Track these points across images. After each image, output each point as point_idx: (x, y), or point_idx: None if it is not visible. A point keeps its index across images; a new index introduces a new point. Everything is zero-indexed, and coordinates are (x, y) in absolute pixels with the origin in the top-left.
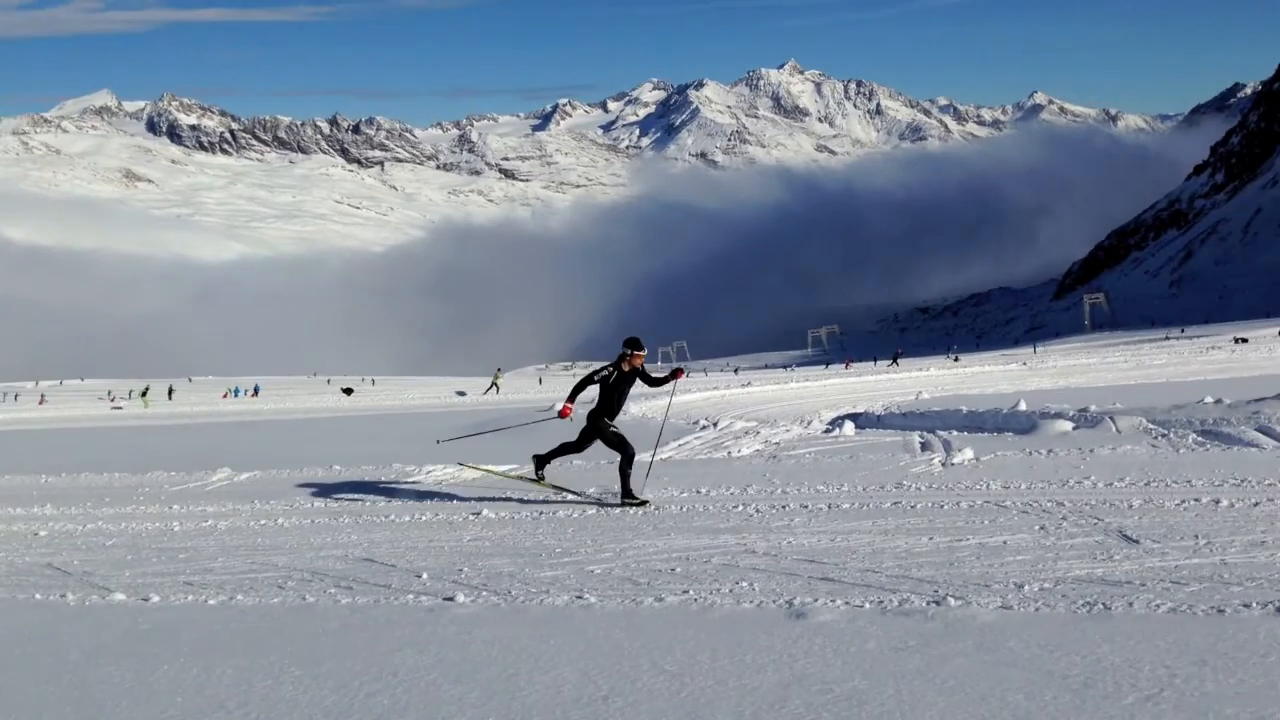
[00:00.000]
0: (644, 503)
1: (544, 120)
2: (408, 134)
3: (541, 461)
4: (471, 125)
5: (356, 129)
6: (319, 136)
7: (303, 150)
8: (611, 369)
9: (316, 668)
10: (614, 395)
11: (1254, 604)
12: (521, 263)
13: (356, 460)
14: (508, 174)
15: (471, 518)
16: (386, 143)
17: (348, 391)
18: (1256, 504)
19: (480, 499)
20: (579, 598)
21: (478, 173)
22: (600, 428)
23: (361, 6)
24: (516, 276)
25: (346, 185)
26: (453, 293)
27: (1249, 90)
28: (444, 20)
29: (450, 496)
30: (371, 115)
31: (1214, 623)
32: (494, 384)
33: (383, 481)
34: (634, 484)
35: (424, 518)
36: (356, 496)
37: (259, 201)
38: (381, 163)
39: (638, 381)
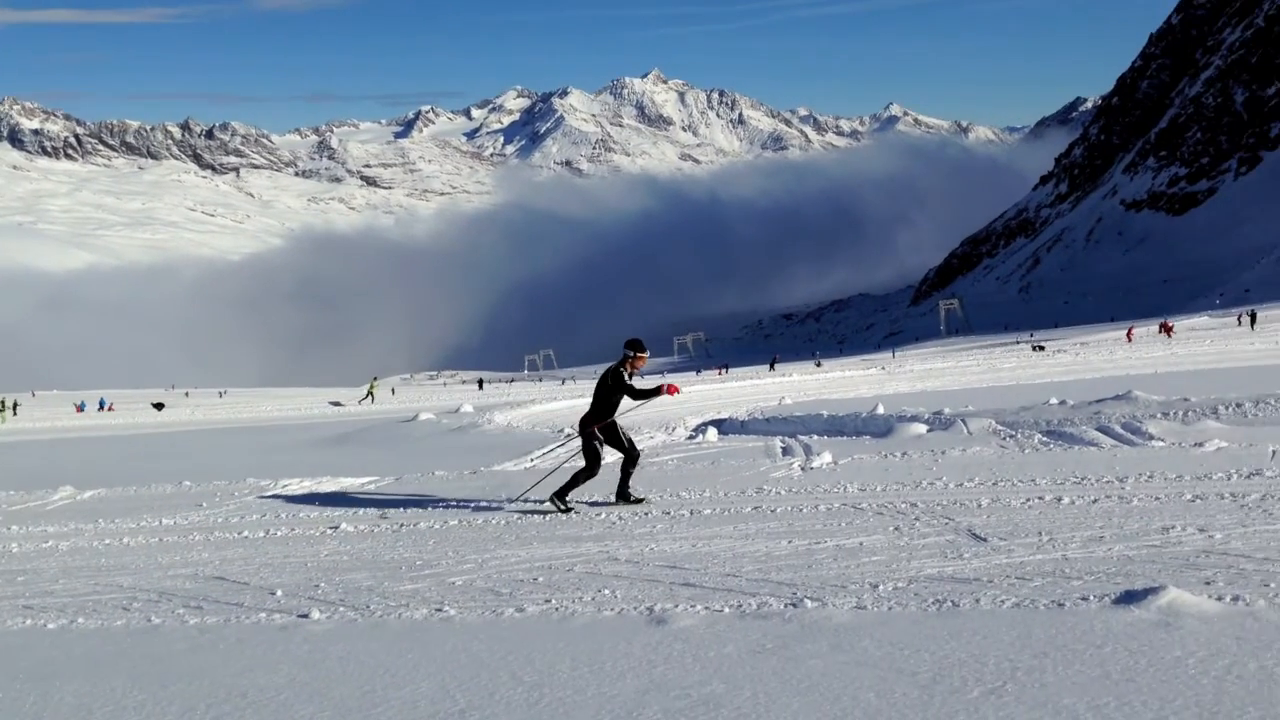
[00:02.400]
0: (570, 509)
1: (407, 127)
2: (264, 140)
3: (562, 499)
4: (331, 131)
5: (210, 134)
6: (170, 142)
7: (153, 156)
8: (622, 371)
9: (161, 691)
10: (612, 401)
11: (1091, 597)
12: (386, 271)
13: (209, 475)
14: (370, 181)
15: (329, 532)
16: (242, 148)
17: (158, 407)
18: (1095, 501)
19: (339, 513)
20: (439, 610)
21: (338, 180)
22: (590, 434)
23: (214, 8)
24: (381, 285)
25: (200, 192)
26: (315, 302)
27: (1090, 104)
28: (302, 24)
29: (307, 510)
30: (226, 120)
31: (1055, 616)
32: (369, 393)
33: (236, 496)
34: (536, 492)
35: (279, 533)
36: (208, 512)
37: (106, 209)
38: (237, 169)
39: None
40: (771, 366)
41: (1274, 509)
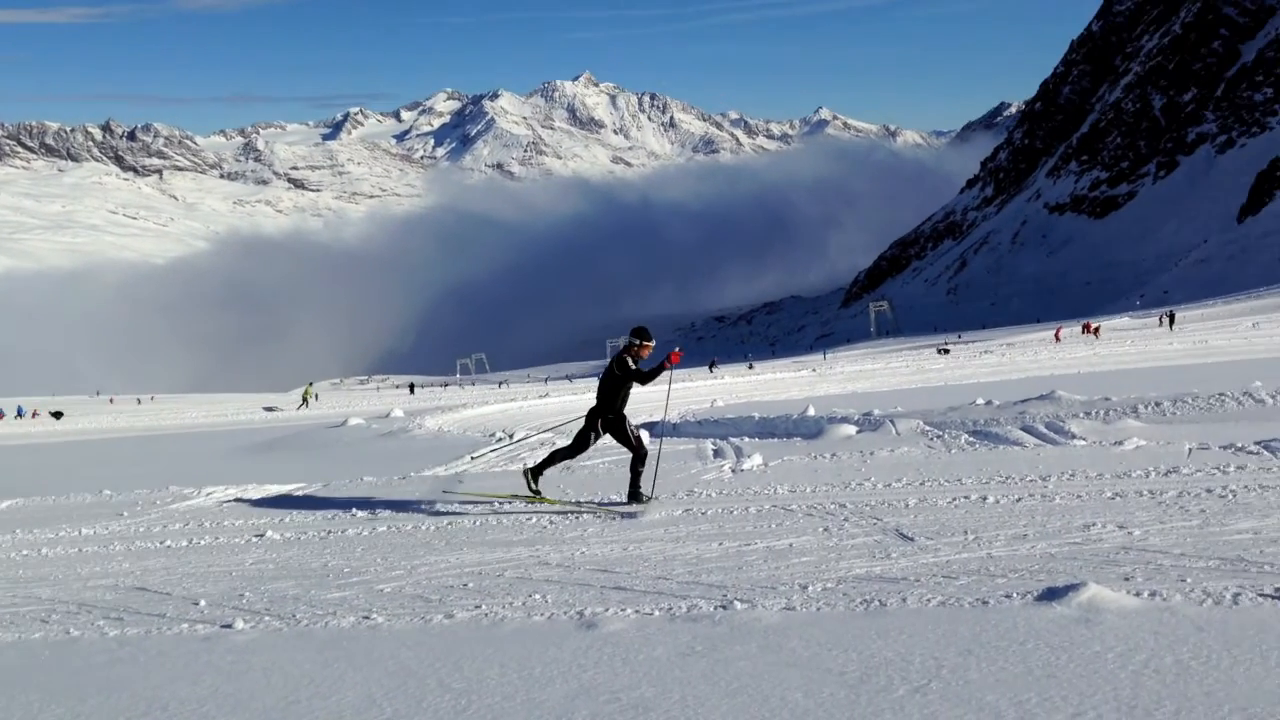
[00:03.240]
0: (538, 494)
1: (335, 129)
2: (188, 141)
3: (535, 474)
4: (257, 133)
5: (132, 135)
6: (91, 144)
7: (73, 158)
8: (632, 360)
9: (79, 705)
10: (621, 391)
11: (1015, 594)
12: (315, 274)
13: (130, 484)
14: (297, 184)
15: (254, 540)
16: (165, 150)
17: (56, 415)
18: (1019, 500)
19: (264, 520)
20: (366, 618)
21: (265, 182)
22: (593, 425)
23: (138, 8)
24: (310, 288)
25: (122, 195)
26: (242, 306)
27: (1014, 109)
28: (227, 24)
29: (232, 518)
30: (149, 121)
31: (979, 614)
32: (305, 398)
33: (158, 505)
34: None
35: (203, 542)
36: (129, 522)
37: (25, 212)
38: (160, 171)
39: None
40: (711, 368)
41: (1190, 505)
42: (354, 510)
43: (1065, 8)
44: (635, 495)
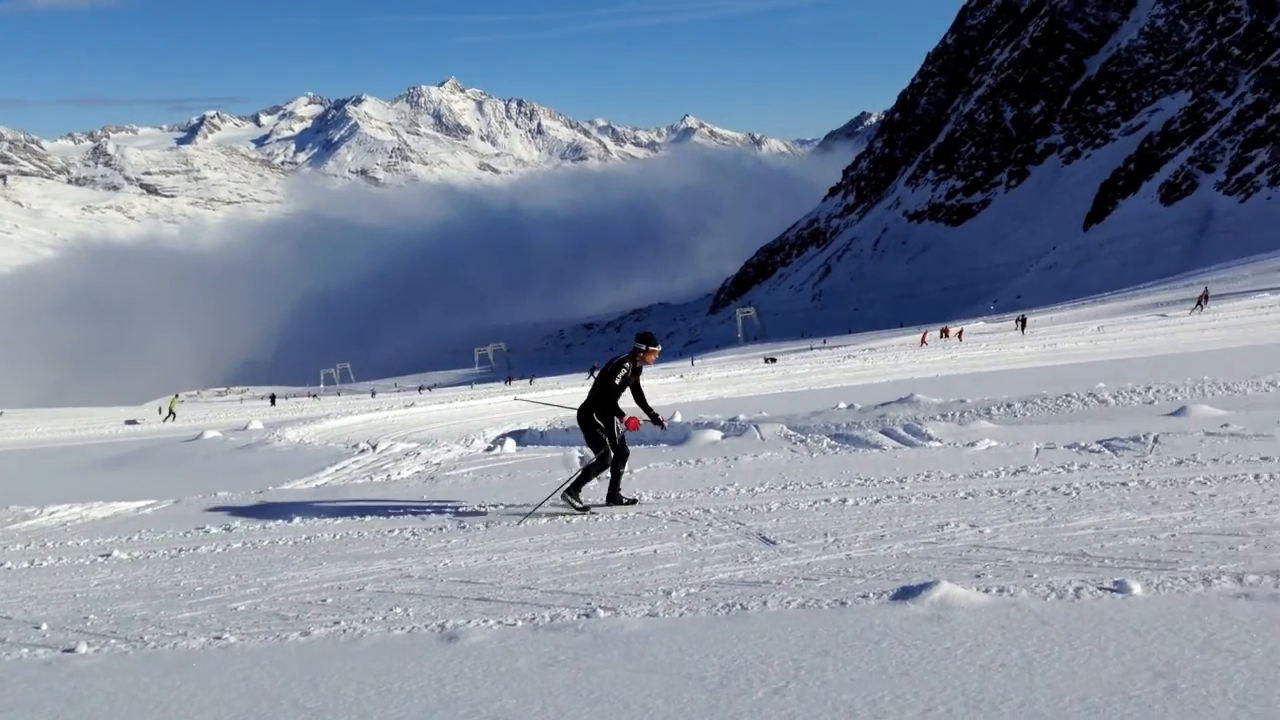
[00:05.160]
0: (586, 509)
1: (190, 133)
2: (34, 145)
3: (574, 495)
4: (108, 137)
5: None
6: None
7: None
8: (630, 366)
9: None
10: (617, 395)
11: (871, 594)
12: (170, 283)
13: None
14: (150, 189)
15: (100, 560)
16: (9, 154)
17: None
18: (877, 501)
19: (111, 539)
20: (218, 638)
21: (116, 188)
22: (591, 422)
23: None
24: (165, 297)
25: None
26: (92, 316)
27: (875, 119)
28: (75, 24)
29: (77, 538)
30: None
31: (837, 614)
32: (170, 411)
33: None
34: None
35: (45, 563)
36: None
37: None
38: (4, 176)
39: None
40: (591, 373)
41: (1037, 504)
42: (207, 527)
43: (922, 21)
44: (573, 494)
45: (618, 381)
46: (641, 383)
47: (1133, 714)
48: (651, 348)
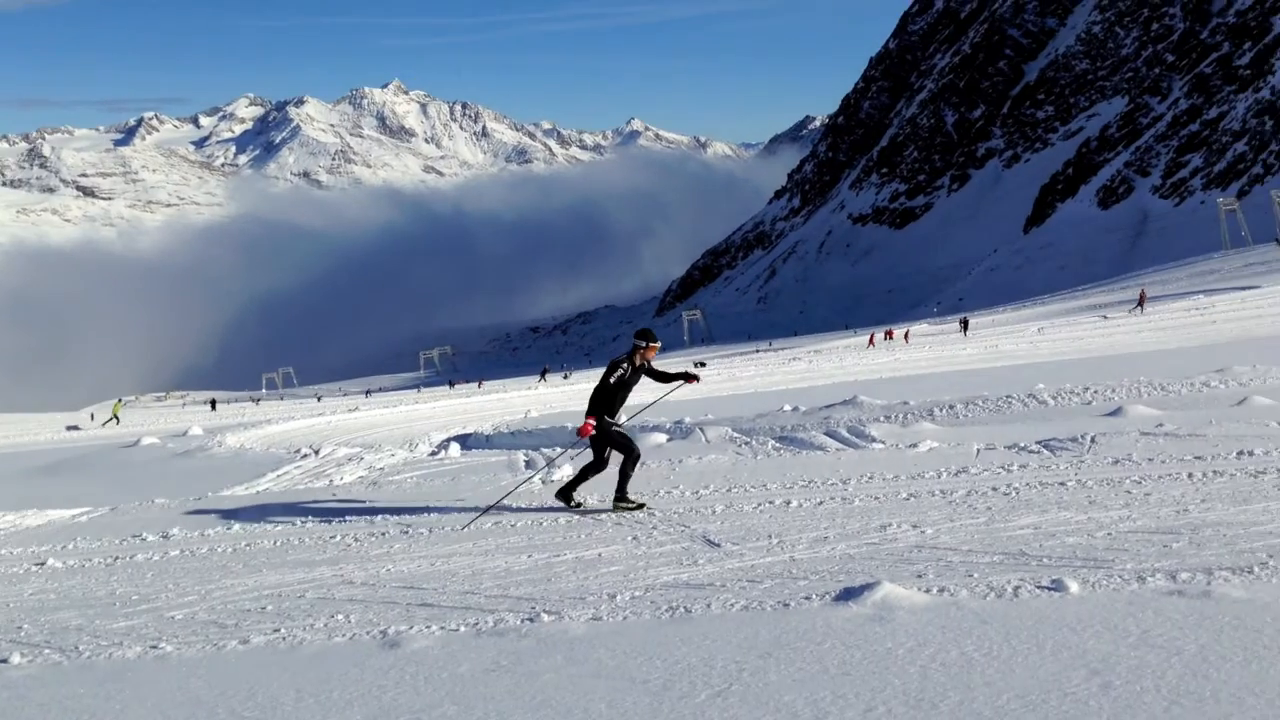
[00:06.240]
0: (640, 506)
1: (128, 134)
2: None
3: (568, 495)
4: (44, 138)
5: None
6: None
7: None
8: (627, 366)
9: None
10: (620, 394)
11: (814, 596)
12: (108, 287)
13: None
14: (87, 192)
15: (34, 569)
16: None
17: None
18: (821, 503)
19: (45, 548)
20: (154, 648)
21: (51, 190)
22: (602, 427)
23: None
24: (103, 301)
25: None
26: (27, 321)
27: (819, 123)
28: (9, 23)
29: (9, 547)
30: None
31: (780, 616)
32: (114, 416)
33: None
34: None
35: None
36: None
37: None
38: None
39: (643, 377)
40: (542, 377)
41: (978, 504)
42: (144, 534)
43: (865, 25)
44: (622, 499)
45: (613, 381)
46: (652, 366)
47: (1069, 710)
48: (651, 344)
